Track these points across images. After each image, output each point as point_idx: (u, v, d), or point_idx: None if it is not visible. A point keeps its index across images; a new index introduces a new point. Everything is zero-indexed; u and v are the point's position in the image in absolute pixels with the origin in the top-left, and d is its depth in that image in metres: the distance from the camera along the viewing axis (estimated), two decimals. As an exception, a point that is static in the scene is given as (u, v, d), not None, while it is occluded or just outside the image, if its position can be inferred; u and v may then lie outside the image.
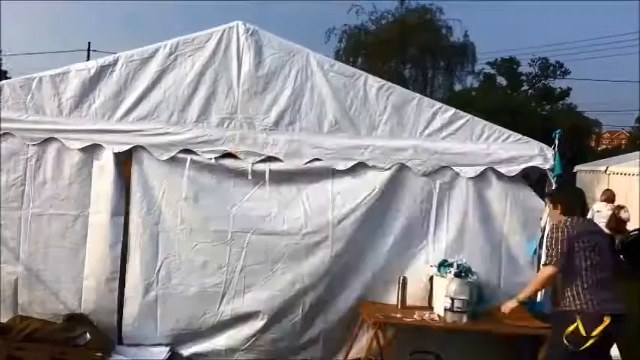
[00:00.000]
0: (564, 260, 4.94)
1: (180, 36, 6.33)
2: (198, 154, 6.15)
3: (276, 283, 6.23)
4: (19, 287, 6.21)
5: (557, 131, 6.36)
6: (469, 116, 6.35)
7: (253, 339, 6.27)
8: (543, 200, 6.24)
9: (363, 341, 6.09)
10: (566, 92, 44.70)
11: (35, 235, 6.20)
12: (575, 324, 4.86)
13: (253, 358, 6.29)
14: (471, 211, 6.29)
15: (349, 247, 6.22)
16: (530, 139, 6.37)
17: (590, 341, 4.79)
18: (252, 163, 6.14)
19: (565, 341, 4.86)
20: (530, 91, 46.09)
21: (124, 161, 6.24)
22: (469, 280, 5.82)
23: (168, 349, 6.13)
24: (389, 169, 6.21)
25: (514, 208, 6.35)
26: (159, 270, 6.23)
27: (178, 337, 6.27)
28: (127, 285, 6.25)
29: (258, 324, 6.24)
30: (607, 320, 4.81)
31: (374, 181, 6.22)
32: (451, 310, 5.72)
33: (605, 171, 25.23)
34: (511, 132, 6.36)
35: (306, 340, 6.33)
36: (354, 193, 6.23)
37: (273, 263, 6.22)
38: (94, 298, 6.18)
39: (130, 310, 6.24)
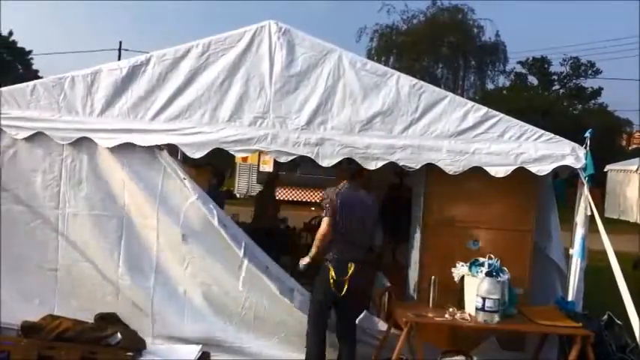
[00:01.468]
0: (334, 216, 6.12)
1: (211, 35, 6.59)
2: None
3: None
4: (57, 287, 6.53)
5: (589, 131, 6.53)
6: (501, 115, 6.52)
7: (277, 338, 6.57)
8: (574, 200, 6.52)
9: (393, 340, 6.22)
10: (597, 92, 45.06)
11: (72, 235, 6.51)
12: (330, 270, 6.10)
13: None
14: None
15: None
16: (561, 138, 6.51)
17: (346, 285, 6.04)
18: None
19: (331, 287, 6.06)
20: (561, 90, 46.47)
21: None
22: (500, 279, 5.94)
23: (199, 348, 6.32)
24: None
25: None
26: (186, 269, 6.53)
27: (207, 336, 6.51)
28: (158, 284, 6.56)
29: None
30: (352, 266, 6.07)
31: None
32: (482, 309, 5.84)
33: (637, 170, 25.38)
34: (543, 131, 6.51)
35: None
36: None
37: None
38: (129, 297, 6.51)
39: (162, 308, 6.56)
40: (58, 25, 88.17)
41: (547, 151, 6.40)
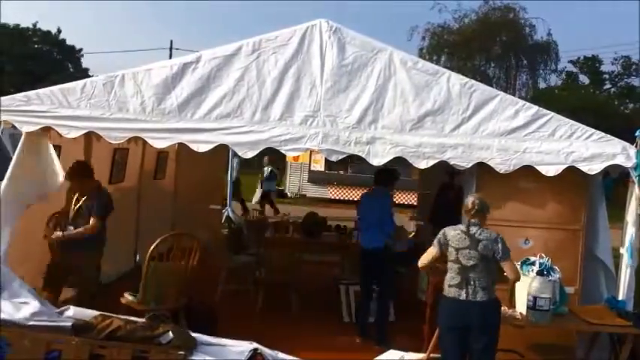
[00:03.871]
0: None
1: (261, 34, 6.80)
2: None
3: None
4: None
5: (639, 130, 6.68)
6: (551, 114, 6.70)
7: None
8: (624, 198, 6.73)
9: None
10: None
11: None
12: None
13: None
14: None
15: None
16: (612, 137, 6.67)
17: None
18: None
19: None
20: (612, 89, 47.15)
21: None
22: (551, 278, 6.15)
23: (251, 347, 6.42)
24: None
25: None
26: None
27: None
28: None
29: None
30: None
31: None
32: (533, 308, 6.03)
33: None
34: (593, 130, 6.68)
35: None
36: None
37: None
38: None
39: None
40: (109, 24, 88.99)
41: (598, 150, 6.58)
